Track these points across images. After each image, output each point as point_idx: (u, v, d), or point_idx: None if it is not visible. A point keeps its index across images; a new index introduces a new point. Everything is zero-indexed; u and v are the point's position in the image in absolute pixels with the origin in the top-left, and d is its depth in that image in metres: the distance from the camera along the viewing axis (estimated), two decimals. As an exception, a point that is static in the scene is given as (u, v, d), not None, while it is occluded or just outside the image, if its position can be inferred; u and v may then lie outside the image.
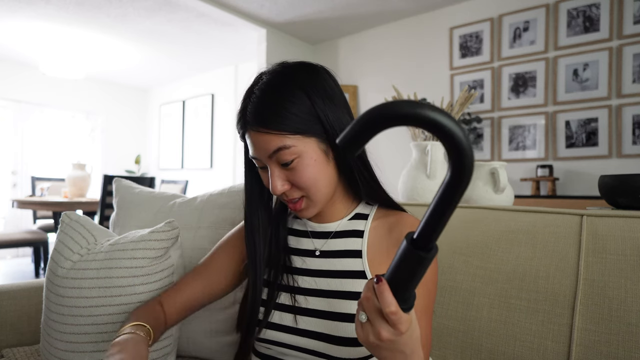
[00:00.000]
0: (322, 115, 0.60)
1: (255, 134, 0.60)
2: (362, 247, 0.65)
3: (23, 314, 1.06)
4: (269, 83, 0.61)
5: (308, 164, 0.60)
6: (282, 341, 0.64)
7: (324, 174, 0.62)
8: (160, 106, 5.70)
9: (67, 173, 3.62)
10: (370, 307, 0.41)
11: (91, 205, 3.37)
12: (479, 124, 3.02)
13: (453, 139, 0.32)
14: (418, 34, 3.38)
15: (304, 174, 0.60)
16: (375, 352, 0.44)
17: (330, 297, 0.63)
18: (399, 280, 0.39)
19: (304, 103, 0.59)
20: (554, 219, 0.78)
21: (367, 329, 0.42)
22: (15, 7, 3.25)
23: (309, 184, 0.61)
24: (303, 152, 0.59)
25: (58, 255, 0.79)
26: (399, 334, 0.40)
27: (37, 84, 4.86)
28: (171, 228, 0.80)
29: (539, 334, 0.70)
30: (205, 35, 3.83)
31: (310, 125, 0.59)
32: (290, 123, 0.58)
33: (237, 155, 4.63)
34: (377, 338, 0.41)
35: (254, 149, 0.61)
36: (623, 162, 2.51)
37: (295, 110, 0.59)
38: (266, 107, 0.59)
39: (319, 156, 0.61)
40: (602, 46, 2.59)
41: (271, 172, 0.61)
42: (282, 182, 0.61)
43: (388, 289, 0.39)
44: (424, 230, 0.37)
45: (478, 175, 1.12)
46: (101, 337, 0.73)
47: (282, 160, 0.59)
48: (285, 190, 0.62)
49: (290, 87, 0.60)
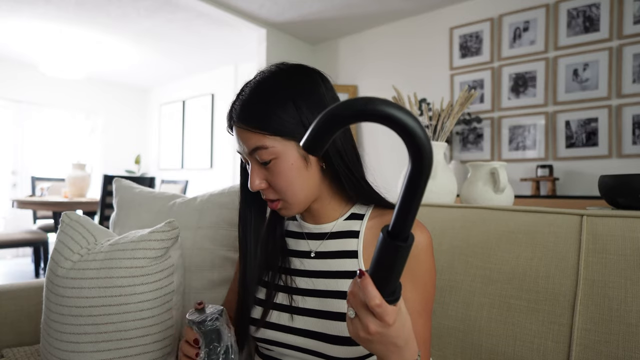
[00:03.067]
0: (305, 121, 0.60)
1: (238, 129, 0.62)
2: (357, 248, 0.66)
3: (23, 314, 1.06)
4: (260, 82, 0.62)
5: (285, 167, 0.60)
6: (280, 340, 0.65)
7: (301, 178, 0.62)
8: (160, 106, 5.70)
9: (67, 173, 3.62)
10: (357, 302, 0.42)
11: (91, 205, 3.37)
12: (479, 124, 3.02)
13: (409, 132, 0.34)
14: (418, 34, 3.38)
15: (280, 176, 0.61)
16: (368, 347, 0.44)
17: (327, 297, 0.63)
18: (381, 273, 0.40)
19: (288, 107, 0.60)
20: (554, 219, 0.78)
21: (356, 324, 0.43)
22: (15, 7, 3.25)
23: (284, 187, 0.62)
24: (281, 154, 0.60)
25: (58, 255, 0.79)
26: (387, 326, 0.41)
27: (37, 84, 4.86)
28: (171, 228, 0.80)
29: (539, 334, 0.70)
30: (205, 35, 3.83)
31: (292, 129, 0.60)
32: (271, 124, 0.59)
33: (237, 155, 4.61)
34: (366, 332, 0.42)
35: (238, 144, 0.64)
36: (623, 162, 2.51)
37: (280, 112, 0.59)
38: (251, 105, 0.60)
39: (297, 161, 0.61)
40: (602, 46, 2.59)
41: (251, 169, 0.63)
42: (260, 180, 0.62)
43: (371, 282, 0.40)
44: (397, 222, 0.38)
45: (478, 176, 1.12)
46: (101, 337, 0.73)
47: (261, 159, 0.61)
48: (263, 189, 0.63)
49: (278, 89, 0.61)
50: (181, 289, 0.85)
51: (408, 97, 1.30)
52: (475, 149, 3.05)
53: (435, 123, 1.23)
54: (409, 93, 1.36)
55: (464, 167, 2.98)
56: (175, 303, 0.81)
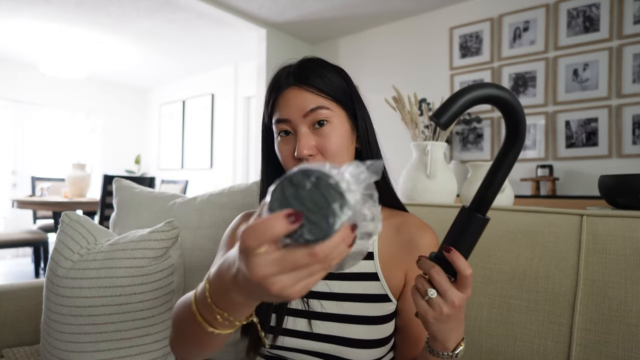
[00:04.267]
0: (354, 96, 0.66)
1: (295, 91, 0.61)
2: (373, 249, 0.66)
3: (23, 314, 1.06)
4: (309, 58, 0.66)
5: (338, 133, 0.62)
6: (297, 347, 0.62)
7: (347, 149, 0.63)
8: (160, 106, 5.70)
9: (67, 173, 3.62)
10: (441, 279, 0.44)
11: (91, 205, 3.36)
12: (479, 124, 3.02)
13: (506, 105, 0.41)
14: (418, 34, 3.38)
15: (333, 139, 0.61)
16: (441, 328, 0.46)
17: (344, 300, 0.63)
18: (461, 246, 0.45)
19: (342, 80, 0.65)
20: (554, 219, 0.78)
21: (437, 303, 0.45)
22: (15, 7, 3.25)
23: (335, 152, 0.61)
24: (335, 118, 0.62)
25: (58, 255, 0.79)
26: (467, 297, 0.45)
27: (37, 84, 4.86)
28: (171, 228, 0.80)
29: (539, 334, 0.70)
30: (205, 35, 3.83)
31: (345, 99, 0.64)
32: (331, 87, 0.62)
33: (237, 155, 4.63)
34: (451, 307, 0.44)
35: (288, 109, 0.61)
36: (623, 162, 2.51)
37: (336, 81, 0.64)
38: (312, 70, 0.63)
39: (347, 130, 0.64)
40: (602, 46, 2.59)
41: (301, 134, 0.60)
42: (310, 145, 0.60)
43: (460, 255, 0.44)
44: (478, 197, 0.45)
45: (478, 175, 1.12)
46: (101, 337, 0.73)
47: (316, 118, 0.60)
48: (310, 156, 0.60)
49: (332, 65, 0.66)
50: (181, 288, 0.85)
51: (408, 97, 1.30)
52: (475, 149, 3.05)
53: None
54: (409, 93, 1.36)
55: (464, 167, 2.98)
56: (175, 303, 0.81)
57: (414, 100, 1.28)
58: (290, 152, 0.61)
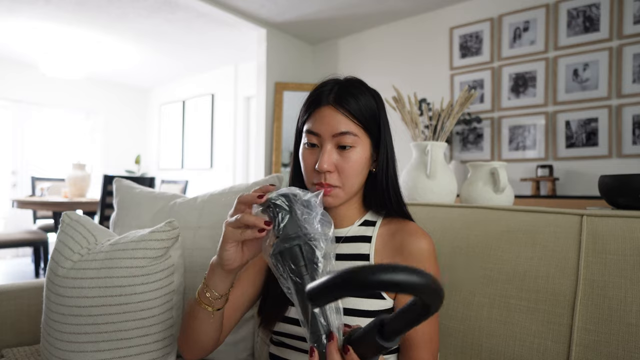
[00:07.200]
0: (382, 122, 0.70)
1: (332, 111, 0.67)
2: (369, 251, 0.71)
3: (23, 314, 1.06)
4: (350, 80, 0.71)
5: (358, 157, 0.67)
6: (297, 334, 0.68)
7: (362, 172, 0.69)
8: (160, 106, 5.70)
9: (67, 173, 3.62)
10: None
11: (91, 205, 3.37)
12: (479, 124, 3.02)
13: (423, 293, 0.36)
14: (418, 34, 3.38)
15: (352, 163, 0.67)
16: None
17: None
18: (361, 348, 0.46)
19: (374, 106, 0.69)
20: (554, 219, 0.78)
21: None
22: (15, 7, 3.25)
23: (351, 175, 0.67)
24: (359, 145, 0.67)
25: (58, 255, 0.79)
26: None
27: (37, 84, 4.85)
28: (171, 228, 0.80)
29: (539, 334, 0.70)
30: (205, 35, 3.83)
31: (371, 126, 0.69)
32: (364, 113, 0.67)
33: (237, 156, 4.63)
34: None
35: (321, 125, 0.67)
36: (623, 162, 2.51)
37: (370, 106, 0.69)
38: (350, 93, 0.68)
39: (367, 157, 0.69)
40: (602, 46, 2.59)
41: (325, 149, 0.66)
42: (331, 162, 0.66)
43: (336, 348, 0.47)
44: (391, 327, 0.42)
45: (478, 176, 1.12)
46: (101, 337, 0.73)
47: (342, 143, 0.66)
48: (329, 172, 0.67)
49: (367, 89, 0.71)
50: (181, 289, 0.85)
51: (408, 97, 1.30)
52: (475, 149, 3.05)
53: (435, 123, 1.23)
54: (409, 93, 1.36)
55: (464, 167, 2.98)
56: (176, 303, 0.81)
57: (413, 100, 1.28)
58: (313, 163, 0.68)
